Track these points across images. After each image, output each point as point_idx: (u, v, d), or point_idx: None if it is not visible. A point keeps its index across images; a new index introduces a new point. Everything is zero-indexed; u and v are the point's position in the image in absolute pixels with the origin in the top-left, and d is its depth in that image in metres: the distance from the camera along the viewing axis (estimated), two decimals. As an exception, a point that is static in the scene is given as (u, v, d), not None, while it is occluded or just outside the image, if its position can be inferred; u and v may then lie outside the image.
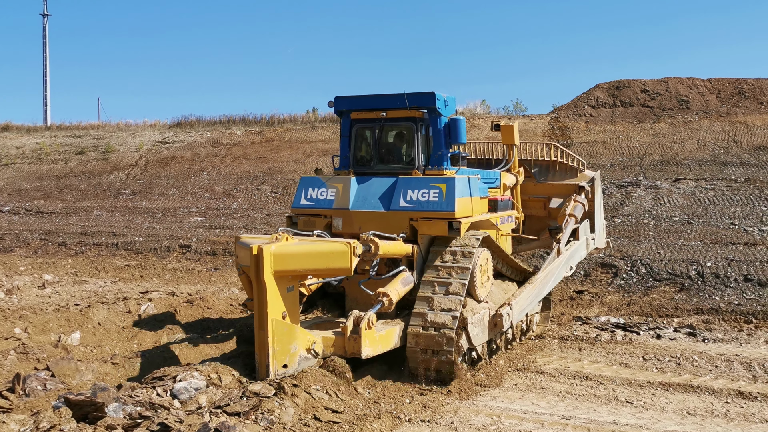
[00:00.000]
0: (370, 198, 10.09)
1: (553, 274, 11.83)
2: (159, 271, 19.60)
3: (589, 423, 7.78)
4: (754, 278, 15.95)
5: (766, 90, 31.20)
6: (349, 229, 9.98)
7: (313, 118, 38.94)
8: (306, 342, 8.22)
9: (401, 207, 9.80)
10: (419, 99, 10.23)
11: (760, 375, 9.78)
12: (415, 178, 10.01)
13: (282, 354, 7.94)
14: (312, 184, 10.45)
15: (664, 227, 20.28)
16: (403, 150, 10.71)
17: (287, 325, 8.02)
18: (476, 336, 9.48)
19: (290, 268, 8.01)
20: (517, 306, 10.33)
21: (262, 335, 7.90)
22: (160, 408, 7.06)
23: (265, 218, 25.63)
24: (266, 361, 7.88)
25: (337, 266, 8.21)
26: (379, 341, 8.66)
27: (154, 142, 37.83)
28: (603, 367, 10.24)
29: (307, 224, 10.27)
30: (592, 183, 13.63)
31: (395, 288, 9.03)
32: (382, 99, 10.55)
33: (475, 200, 10.30)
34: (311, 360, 8.27)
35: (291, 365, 8.01)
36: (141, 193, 30.83)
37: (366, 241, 8.75)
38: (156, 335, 10.57)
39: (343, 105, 10.86)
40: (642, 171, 25.61)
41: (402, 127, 10.67)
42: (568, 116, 32.43)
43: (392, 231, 9.66)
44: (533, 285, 11.09)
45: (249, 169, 31.78)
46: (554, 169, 13.89)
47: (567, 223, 12.57)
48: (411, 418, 7.75)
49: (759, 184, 22.91)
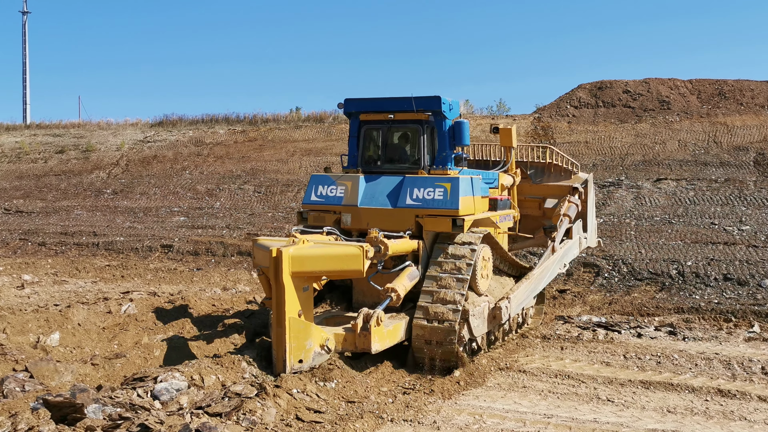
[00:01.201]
0: (378, 195, 10.53)
1: (548, 271, 12.32)
2: (140, 271, 19.45)
3: (571, 421, 7.82)
4: (734, 277, 16.12)
5: (745, 91, 31.54)
6: (357, 225, 10.49)
7: (297, 118, 38.85)
8: (320, 338, 8.66)
9: (408, 204, 10.27)
10: (426, 102, 10.65)
11: (739, 373, 9.88)
12: (421, 177, 10.47)
13: (298, 350, 8.39)
14: (322, 182, 10.89)
15: (646, 227, 20.44)
16: (409, 151, 11.16)
17: (303, 323, 8.47)
18: (477, 327, 9.98)
19: (307, 269, 8.51)
20: (514, 300, 10.82)
21: (279, 332, 8.34)
22: (140, 409, 7.00)
23: (248, 218, 25.53)
24: (283, 356, 8.30)
25: (351, 268, 8.80)
26: (387, 336, 9.13)
27: (136, 141, 37.55)
28: (584, 365, 10.30)
29: (317, 219, 10.76)
30: (586, 185, 14.08)
31: (402, 283, 9.45)
32: (390, 102, 10.95)
33: (477, 199, 10.76)
34: (324, 356, 8.68)
35: (306, 360, 8.46)
36: (122, 193, 30.59)
37: (376, 243, 9.14)
38: (137, 336, 10.46)
39: (353, 107, 11.25)
40: (624, 171, 25.80)
41: (408, 129, 11.11)
42: (551, 116, 32.60)
43: (399, 227, 10.15)
44: (529, 280, 11.59)
45: (232, 168, 31.64)
46: (549, 171, 14.36)
47: (561, 223, 13.09)
48: (393, 417, 7.74)
49: (738, 184, 23.16)
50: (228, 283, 17.55)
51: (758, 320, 13.52)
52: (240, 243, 21.88)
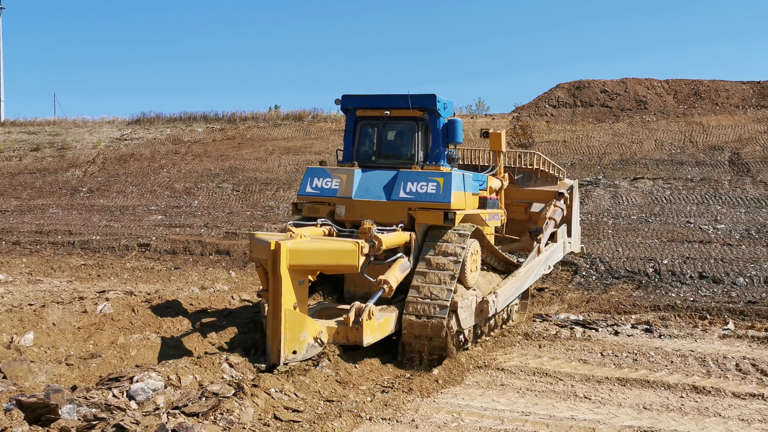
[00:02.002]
0: (372, 188, 10.82)
1: (533, 270, 12.69)
2: (117, 270, 19.25)
3: (548, 419, 7.86)
4: (709, 275, 16.32)
5: (720, 91, 31.94)
6: (351, 217, 10.74)
7: (276, 116, 38.68)
8: (314, 331, 8.88)
9: (401, 197, 10.56)
10: (421, 100, 10.99)
11: (714, 370, 10.00)
12: (415, 172, 10.78)
13: (293, 341, 8.59)
14: (317, 174, 11.18)
15: (623, 225, 20.63)
16: (404, 147, 11.43)
17: (298, 315, 8.67)
18: (465, 320, 10.24)
19: (304, 263, 8.74)
20: (501, 295, 11.10)
21: (275, 323, 8.51)
22: (116, 409, 6.92)
23: (227, 217, 25.38)
24: (278, 347, 8.48)
25: (346, 263, 9.05)
26: (378, 329, 9.38)
27: (113, 139, 37.16)
28: (562, 363, 10.36)
29: (312, 211, 11.06)
30: (571, 190, 14.52)
31: (394, 275, 9.72)
32: (387, 99, 11.27)
33: (468, 195, 11.18)
34: (317, 348, 8.90)
35: (300, 352, 8.66)
36: (99, 191, 30.25)
37: (370, 238, 9.47)
38: (113, 335, 10.33)
39: (350, 103, 11.54)
40: (601, 170, 26.00)
41: (404, 126, 11.37)
42: (529, 116, 32.77)
43: (392, 219, 10.46)
44: (516, 278, 11.92)
45: (210, 166, 31.43)
46: (536, 176, 14.81)
47: (547, 225, 13.52)
48: (372, 416, 7.73)
49: (714, 183, 23.45)
50: (206, 282, 17.43)
51: (733, 318, 13.72)
52: (218, 242, 21.75)
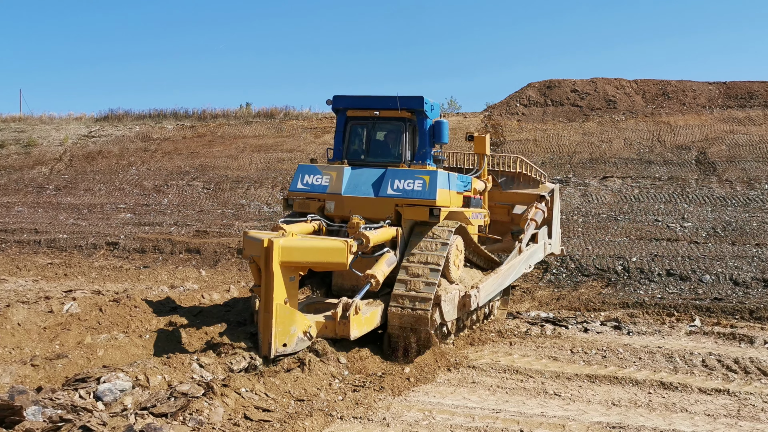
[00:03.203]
0: (361, 185, 11.21)
1: (514, 268, 13.04)
2: (84, 270, 18.96)
3: (519, 416, 7.90)
4: (676, 273, 16.56)
5: (688, 91, 32.45)
6: (340, 212, 11.13)
7: (247, 113, 38.42)
8: (303, 325, 9.21)
9: (389, 194, 10.95)
10: (409, 102, 11.46)
11: (681, 366, 10.15)
12: (402, 170, 11.19)
13: (283, 334, 8.92)
14: (308, 171, 11.58)
15: (593, 224, 20.85)
16: (392, 146, 11.86)
17: (289, 310, 9.01)
18: (448, 312, 10.51)
19: (295, 259, 9.08)
20: (483, 290, 11.41)
21: (266, 317, 8.83)
22: (82, 411, 6.80)
23: (197, 215, 25.14)
24: (269, 339, 8.80)
25: (335, 261, 9.40)
26: (365, 323, 9.76)
27: (80, 136, 36.59)
28: (533, 360, 10.43)
29: (302, 206, 11.43)
30: (552, 194, 14.99)
31: (381, 269, 10.00)
32: (376, 100, 11.72)
33: (452, 193, 11.59)
34: (306, 342, 9.22)
35: (290, 345, 9.00)
36: (65, 189, 29.77)
37: (359, 236, 9.84)
38: (79, 336, 10.16)
39: (340, 103, 11.95)
40: (571, 169, 26.26)
41: (392, 126, 11.81)
42: (501, 114, 32.97)
43: (379, 215, 10.87)
44: (497, 275, 12.27)
45: (180, 164, 31.10)
46: (519, 179, 15.26)
47: (528, 226, 14.00)
48: (343, 415, 7.70)
49: (681, 182, 23.81)
50: (176, 281, 17.25)
51: (699, 314, 13.94)
52: (188, 240, 21.53)
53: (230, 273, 18.76)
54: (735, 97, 31.60)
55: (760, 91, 31.54)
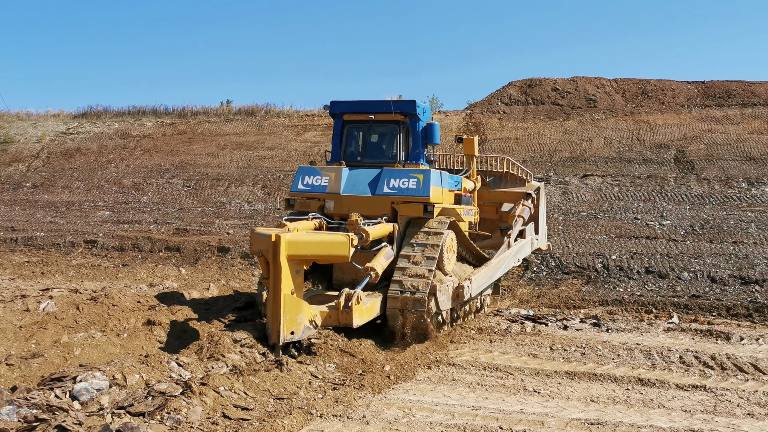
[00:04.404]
0: (359, 185, 11.82)
1: (504, 262, 13.61)
2: (62, 268, 18.74)
3: (498, 413, 7.91)
4: (655, 270, 16.70)
5: (667, 91, 32.74)
6: (340, 210, 11.69)
7: (227, 111, 38.21)
8: (309, 314, 9.76)
9: (385, 192, 11.57)
10: (402, 105, 12.19)
11: (659, 362, 10.23)
12: (398, 170, 11.81)
13: (291, 323, 9.44)
14: (308, 172, 12.17)
15: (573, 222, 20.98)
16: (387, 147, 12.47)
17: (296, 300, 9.51)
18: (443, 302, 11.16)
19: (301, 253, 9.58)
20: (475, 282, 12.04)
21: (275, 307, 9.34)
22: (58, 410, 6.72)
23: (177, 213, 24.96)
24: (278, 328, 9.32)
25: (338, 254, 9.92)
26: (365, 312, 10.28)
27: (58, 133, 36.18)
28: (512, 358, 10.46)
29: (303, 205, 12.00)
30: (538, 192, 15.56)
31: (380, 262, 10.57)
32: (371, 104, 12.42)
33: (445, 191, 12.21)
34: (312, 330, 9.75)
35: (297, 332, 9.53)
36: (43, 186, 29.42)
37: (359, 231, 10.37)
38: (56, 334, 10.03)
39: (338, 108, 12.63)
40: (552, 167, 26.40)
41: (387, 129, 12.46)
42: (482, 113, 33.06)
43: (376, 212, 11.44)
44: (488, 268, 12.86)
45: (160, 162, 30.85)
46: (506, 179, 15.87)
47: (516, 222, 14.56)
48: (323, 413, 7.67)
49: (660, 180, 24.03)
50: (155, 279, 17.10)
51: (677, 311, 14.07)
52: (168, 238, 21.37)
53: (210, 271, 18.64)
54: (713, 97, 31.95)
55: (738, 91, 31.91)
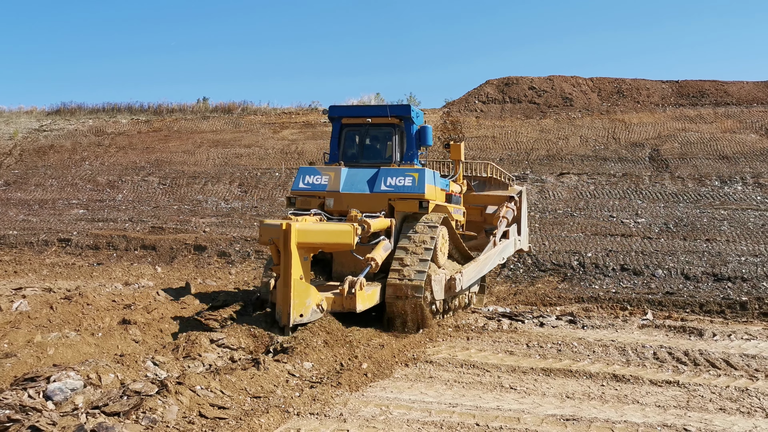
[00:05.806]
0: (357, 183, 12.52)
1: (490, 259, 14.36)
2: (35, 266, 18.51)
3: (475, 410, 7.96)
4: (630, 268, 16.90)
5: (642, 90, 33.10)
6: (339, 207, 12.37)
7: (204, 108, 37.93)
8: (317, 299, 10.43)
9: (382, 190, 12.32)
10: (397, 110, 13.08)
11: (633, 359, 10.35)
12: (394, 168, 12.61)
13: (300, 306, 10.11)
14: (309, 172, 12.82)
15: (549, 219, 21.14)
16: (383, 149, 13.31)
17: (304, 284, 10.20)
18: (437, 292, 11.95)
19: (309, 241, 10.25)
20: (465, 275, 12.79)
21: (285, 291, 9.99)
22: (31, 410, 6.63)
23: (153, 211, 24.75)
24: (288, 310, 9.97)
25: (343, 242, 10.64)
26: (367, 298, 10.94)
27: (31, 130, 35.68)
28: (489, 355, 10.52)
29: (304, 204, 12.64)
30: (520, 195, 16.22)
31: (379, 254, 11.32)
32: (368, 108, 13.59)
33: (438, 189, 13.06)
34: (318, 314, 10.39)
35: (306, 315, 10.18)
36: (15, 184, 29.01)
37: (362, 222, 11.06)
38: (29, 334, 9.89)
39: (336, 113, 13.46)
40: (529, 165, 26.57)
41: (383, 131, 13.26)
42: (459, 111, 33.17)
43: (374, 209, 12.07)
44: (477, 263, 13.67)
45: (135, 159, 30.56)
46: (490, 183, 16.64)
47: (501, 223, 15.35)
48: (300, 411, 7.65)
49: (635, 179, 24.29)
50: (130, 278, 16.95)
51: (651, 308, 14.25)
52: (144, 236, 21.18)
53: (187, 270, 18.51)
54: (687, 96, 32.35)
55: (711, 90, 32.35)
